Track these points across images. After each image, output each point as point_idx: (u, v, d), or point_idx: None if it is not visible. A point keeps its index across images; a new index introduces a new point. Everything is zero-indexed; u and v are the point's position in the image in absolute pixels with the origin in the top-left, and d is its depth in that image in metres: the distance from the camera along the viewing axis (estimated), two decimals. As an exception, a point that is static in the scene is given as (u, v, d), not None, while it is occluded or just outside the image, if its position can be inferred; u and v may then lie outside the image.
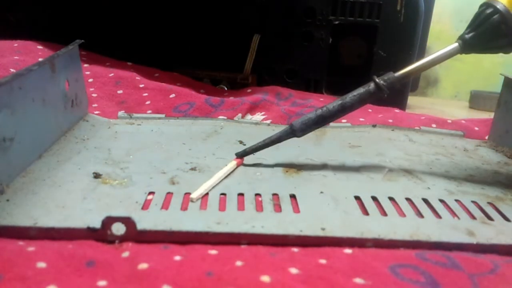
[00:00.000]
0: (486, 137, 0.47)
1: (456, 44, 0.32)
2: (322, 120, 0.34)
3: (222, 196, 0.29)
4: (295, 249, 0.24)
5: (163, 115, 0.46)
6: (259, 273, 0.21)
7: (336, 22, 0.62)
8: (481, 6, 0.32)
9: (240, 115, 0.50)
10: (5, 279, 0.20)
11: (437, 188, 0.33)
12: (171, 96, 0.52)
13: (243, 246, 0.24)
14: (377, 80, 0.32)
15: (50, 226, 0.24)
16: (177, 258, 0.23)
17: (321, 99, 0.56)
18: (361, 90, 0.33)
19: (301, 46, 0.64)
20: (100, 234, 0.24)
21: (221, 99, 0.52)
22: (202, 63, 0.66)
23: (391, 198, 0.30)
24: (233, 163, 0.34)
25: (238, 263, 0.22)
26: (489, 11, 0.31)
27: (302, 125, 0.34)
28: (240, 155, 0.35)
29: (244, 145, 0.40)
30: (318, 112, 0.34)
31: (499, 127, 0.44)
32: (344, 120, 0.49)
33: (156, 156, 0.36)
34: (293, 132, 0.34)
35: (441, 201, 0.31)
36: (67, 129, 0.38)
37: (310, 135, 0.44)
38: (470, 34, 0.32)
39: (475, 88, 0.87)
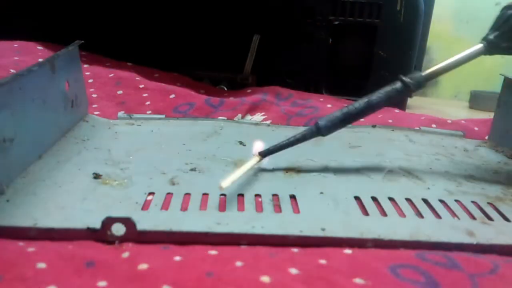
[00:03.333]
0: (486, 137, 0.47)
1: (481, 45, 0.33)
2: (348, 119, 0.33)
3: (222, 196, 0.29)
4: (295, 250, 0.24)
5: (163, 116, 0.46)
6: (259, 274, 0.21)
7: (336, 22, 0.62)
8: (502, 9, 0.33)
9: (240, 115, 0.50)
10: (5, 279, 0.20)
11: (437, 188, 0.33)
12: (171, 96, 0.52)
13: (243, 247, 0.24)
14: (404, 78, 0.33)
15: (50, 226, 0.24)
16: (177, 258, 0.23)
17: (321, 99, 0.56)
18: (388, 88, 0.33)
19: (301, 46, 0.64)
20: (100, 235, 0.24)
21: (221, 100, 0.52)
22: (202, 63, 0.66)
23: (391, 199, 0.30)
24: (256, 159, 0.33)
25: (238, 263, 0.22)
26: (511, 11, 0.32)
27: (328, 123, 0.33)
28: (264, 154, 0.34)
29: (244, 145, 0.40)
30: (344, 110, 0.33)
31: (499, 127, 0.44)
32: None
33: (156, 157, 0.36)
34: (318, 131, 0.34)
35: (441, 201, 0.31)
36: (67, 129, 0.38)
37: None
38: (494, 34, 0.32)
39: (475, 88, 0.87)
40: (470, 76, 0.94)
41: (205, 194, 0.29)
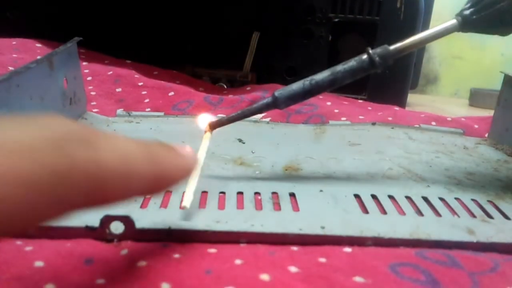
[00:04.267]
0: (486, 135, 0.47)
1: (455, 21, 0.30)
2: (308, 95, 0.31)
3: (221, 194, 0.29)
4: (295, 248, 0.24)
5: (162, 113, 0.46)
6: (258, 272, 0.21)
7: (336, 20, 0.62)
8: None
9: (239, 113, 0.50)
10: (2, 280, 0.20)
11: (436, 186, 0.33)
12: (170, 94, 0.52)
13: (242, 245, 0.24)
14: (371, 53, 0.30)
15: (48, 225, 0.24)
16: (176, 256, 0.22)
17: (321, 97, 0.56)
18: (354, 64, 0.31)
19: (301, 43, 0.64)
20: (98, 233, 0.24)
21: (220, 97, 0.52)
22: (202, 61, 0.65)
23: (390, 197, 0.30)
24: (207, 137, 0.31)
25: (238, 261, 0.22)
26: None
27: (286, 100, 0.31)
28: (215, 126, 0.31)
29: (243, 143, 0.40)
30: (306, 86, 0.31)
31: (499, 125, 0.44)
32: (343, 118, 0.49)
33: (155, 154, 0.36)
34: (275, 105, 0.31)
35: (441, 199, 0.30)
36: (66, 127, 0.38)
37: (310, 133, 0.44)
38: (473, 16, 0.30)
39: (475, 85, 0.87)
40: (470, 74, 0.94)
41: (204, 192, 0.29)
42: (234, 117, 0.31)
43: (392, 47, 0.31)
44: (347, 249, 0.24)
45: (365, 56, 0.30)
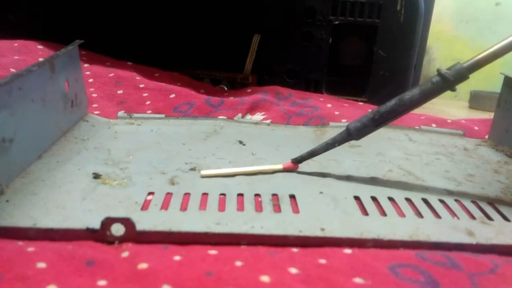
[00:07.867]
0: (486, 137, 0.47)
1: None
2: (379, 125, 0.32)
3: (221, 196, 0.29)
4: (295, 249, 0.24)
5: (163, 115, 0.46)
6: (258, 273, 0.21)
7: (336, 22, 0.62)
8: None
9: (240, 114, 0.50)
10: (5, 279, 0.20)
11: (436, 188, 0.33)
12: (171, 96, 0.52)
13: (242, 246, 0.24)
14: (442, 72, 0.30)
15: (49, 227, 0.24)
16: (177, 258, 0.23)
17: (321, 99, 0.56)
18: (427, 85, 0.31)
19: (301, 46, 0.64)
20: (99, 235, 0.24)
21: (221, 99, 0.52)
22: (202, 63, 0.66)
23: (390, 198, 0.30)
24: (277, 166, 0.34)
25: (238, 263, 0.22)
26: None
27: (357, 125, 0.32)
28: (297, 161, 0.34)
29: (244, 145, 0.40)
30: (375, 110, 0.32)
31: (499, 126, 0.44)
32: (344, 120, 0.49)
33: (156, 156, 0.36)
34: (349, 135, 0.33)
35: (441, 201, 0.31)
36: (67, 129, 0.38)
37: (310, 134, 0.44)
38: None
39: (474, 88, 0.87)
40: (470, 76, 0.94)
41: (205, 194, 0.29)
42: (313, 152, 0.34)
43: (465, 63, 0.31)
44: (347, 251, 0.24)
45: (436, 78, 0.31)
